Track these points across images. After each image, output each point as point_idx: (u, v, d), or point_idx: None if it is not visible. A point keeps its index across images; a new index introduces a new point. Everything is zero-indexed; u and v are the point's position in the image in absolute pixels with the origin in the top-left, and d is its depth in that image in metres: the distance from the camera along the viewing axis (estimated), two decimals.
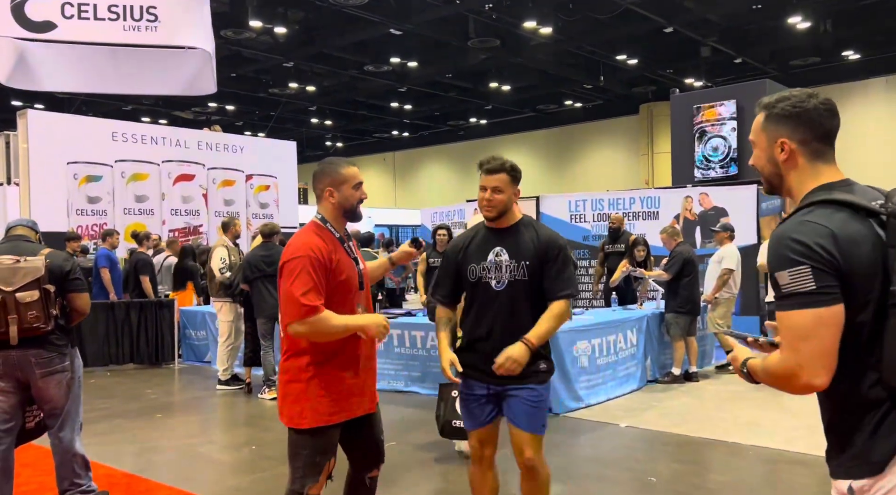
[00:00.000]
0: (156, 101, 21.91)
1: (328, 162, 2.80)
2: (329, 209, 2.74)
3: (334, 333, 2.61)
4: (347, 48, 17.34)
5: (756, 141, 1.70)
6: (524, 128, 26.12)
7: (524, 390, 2.87)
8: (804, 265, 1.46)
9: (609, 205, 9.48)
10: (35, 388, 3.70)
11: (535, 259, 2.90)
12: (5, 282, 3.55)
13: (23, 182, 10.40)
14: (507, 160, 2.98)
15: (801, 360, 1.47)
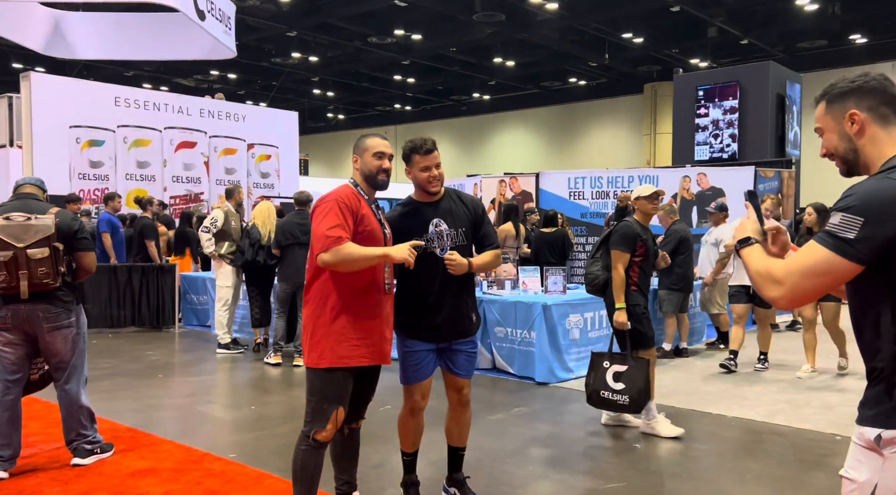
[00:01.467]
0: (158, 68, 21.82)
1: (361, 135, 3.14)
2: (357, 175, 3.06)
3: (359, 260, 2.83)
4: (352, 19, 17.25)
5: (823, 125, 1.73)
6: (527, 105, 26.04)
7: (466, 344, 3.33)
8: (859, 217, 1.51)
9: (608, 184, 9.56)
10: (42, 342, 3.85)
11: (468, 224, 3.28)
12: (17, 238, 3.68)
13: (25, 145, 10.46)
14: (432, 139, 3.27)
15: (792, 285, 1.58)
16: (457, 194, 3.37)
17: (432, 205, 3.24)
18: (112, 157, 11.32)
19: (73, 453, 4.02)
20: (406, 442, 3.41)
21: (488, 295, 6.34)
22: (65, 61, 20.05)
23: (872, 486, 1.61)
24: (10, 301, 3.75)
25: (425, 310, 3.21)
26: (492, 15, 16.38)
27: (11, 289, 3.69)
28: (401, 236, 3.15)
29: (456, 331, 3.27)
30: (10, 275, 3.67)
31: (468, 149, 27.96)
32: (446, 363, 3.33)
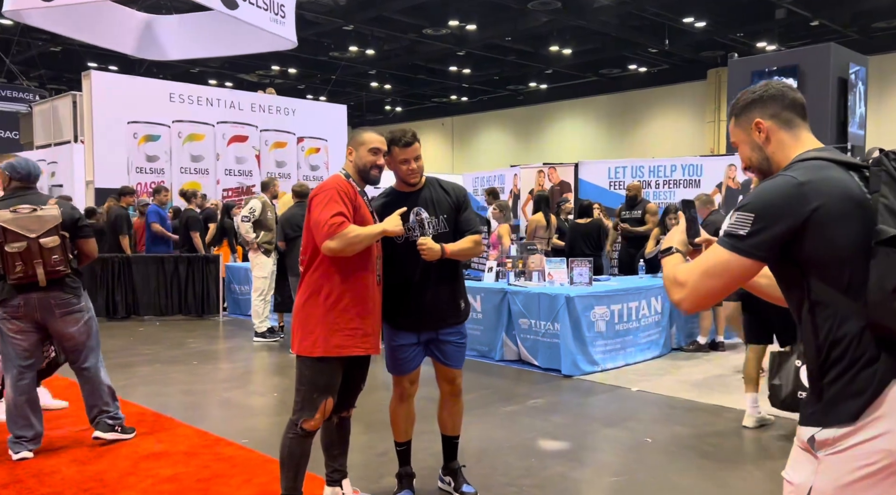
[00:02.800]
0: (222, 64, 22.45)
1: (358, 128, 3.24)
2: (350, 166, 3.10)
3: (361, 241, 2.88)
4: (407, 11, 17.30)
5: (736, 139, 1.77)
6: (585, 93, 25.55)
7: (454, 334, 3.30)
8: (750, 214, 1.53)
9: (650, 173, 9.30)
10: (54, 328, 4.01)
11: (449, 210, 3.26)
12: (28, 229, 3.84)
13: (87, 140, 10.98)
14: (413, 130, 3.24)
15: (692, 286, 1.61)
16: (438, 182, 3.36)
17: (412, 194, 3.25)
18: (167, 151, 11.75)
19: (94, 427, 4.19)
20: (398, 430, 3.42)
21: (513, 286, 6.28)
22: (134, 60, 21.00)
23: (807, 489, 1.55)
24: (22, 290, 3.89)
25: (408, 300, 3.21)
26: (547, 3, 16.13)
27: (28, 278, 3.84)
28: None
29: (441, 319, 3.25)
30: (26, 265, 3.82)
31: (525, 140, 27.69)
32: (435, 353, 3.32)
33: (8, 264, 3.82)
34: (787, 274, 1.60)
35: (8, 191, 4.02)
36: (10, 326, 3.95)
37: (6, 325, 3.95)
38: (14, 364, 3.99)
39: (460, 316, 3.32)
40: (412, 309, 3.21)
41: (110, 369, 6.38)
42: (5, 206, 3.87)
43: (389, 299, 3.21)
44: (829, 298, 1.52)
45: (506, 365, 6.28)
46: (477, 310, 6.46)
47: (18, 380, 3.98)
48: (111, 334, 8.16)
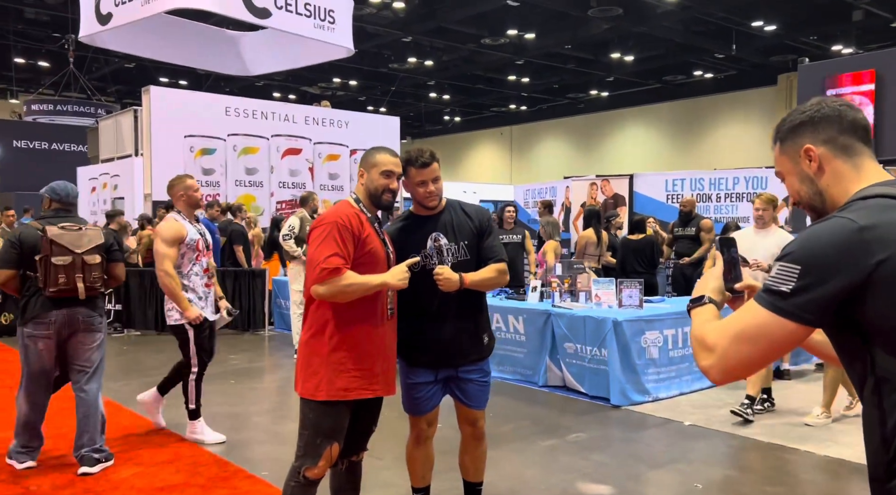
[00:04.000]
0: (286, 77, 22.85)
1: (371, 148, 2.94)
2: (361, 190, 2.87)
3: (354, 292, 2.64)
4: (465, 21, 17.20)
5: (782, 170, 1.48)
6: (648, 101, 24.82)
7: (475, 372, 3.03)
8: (795, 266, 1.24)
9: (710, 185, 8.78)
10: (72, 345, 4.10)
11: (471, 236, 3.01)
12: (74, 245, 4.02)
13: (145, 154, 11.21)
14: (430, 149, 2.99)
15: (722, 352, 1.31)
16: (460, 205, 3.12)
17: (431, 218, 3.02)
18: (223, 165, 11.90)
19: (80, 461, 4.09)
20: (415, 475, 3.17)
21: (557, 308, 5.95)
22: (202, 74, 21.59)
23: None
24: (56, 305, 4.02)
25: (424, 334, 2.96)
26: (608, 9, 15.71)
27: (67, 292, 4.00)
28: (398, 253, 2.94)
29: (460, 355, 2.99)
30: (69, 279, 4.00)
31: (585, 149, 27.10)
32: (455, 392, 3.05)
33: (51, 276, 3.97)
34: (846, 342, 1.29)
35: (49, 211, 4.21)
36: (35, 345, 4.06)
37: (32, 343, 4.06)
38: (32, 381, 4.12)
39: (482, 351, 3.06)
40: (429, 344, 2.97)
41: (150, 385, 6.41)
42: (51, 223, 4.06)
43: (404, 332, 2.97)
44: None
45: (550, 391, 5.94)
46: (520, 331, 6.15)
47: (34, 396, 4.13)
48: (157, 349, 8.22)
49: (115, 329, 9.14)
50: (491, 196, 17.77)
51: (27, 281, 4.06)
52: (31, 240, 4.02)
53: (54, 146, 17.98)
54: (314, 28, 10.26)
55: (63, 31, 16.15)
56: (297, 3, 10.05)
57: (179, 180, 4.65)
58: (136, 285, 9.05)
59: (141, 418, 5.33)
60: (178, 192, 4.61)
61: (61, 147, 18.06)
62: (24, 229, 4.12)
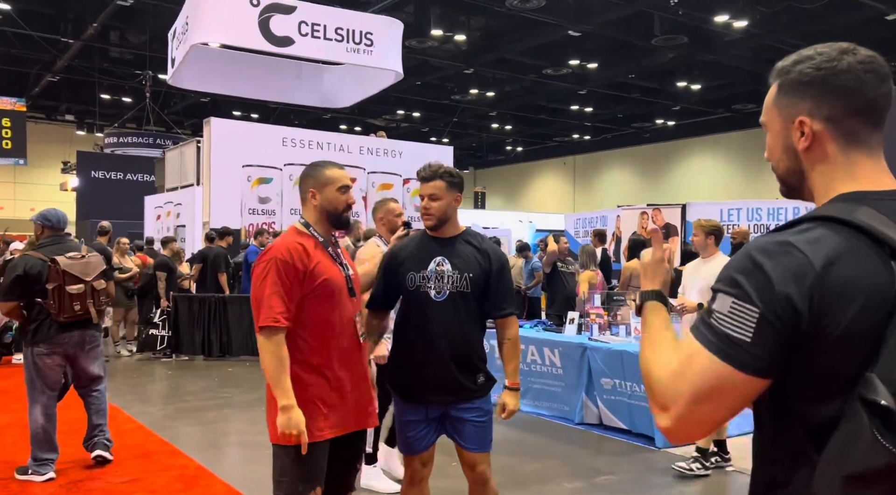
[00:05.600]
0: (352, 110, 23.39)
1: (313, 164, 2.67)
2: (312, 212, 2.61)
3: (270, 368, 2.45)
4: (527, 52, 17.22)
5: (767, 123, 1.19)
6: (717, 130, 24.11)
7: (471, 411, 2.79)
8: (754, 308, 1.00)
9: (768, 216, 8.28)
10: (79, 363, 4.42)
11: (478, 271, 2.80)
12: (84, 273, 4.27)
13: (205, 183, 11.53)
14: (444, 166, 2.81)
15: (681, 411, 1.05)
16: (478, 239, 2.93)
17: (442, 241, 2.86)
18: (279, 194, 12.11)
19: (93, 448, 4.53)
20: None
21: (594, 341, 5.64)
22: (272, 106, 22.34)
23: None
24: (67, 328, 4.28)
25: (413, 366, 2.78)
26: (672, 38, 15.41)
27: (80, 316, 4.26)
28: (397, 266, 2.85)
29: (451, 392, 2.77)
30: (83, 305, 4.26)
31: (652, 178, 26.47)
32: (451, 433, 2.83)
33: (65, 304, 4.20)
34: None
35: (43, 238, 4.45)
36: (47, 361, 4.31)
37: (44, 360, 4.30)
38: (45, 394, 4.35)
39: (475, 391, 2.81)
40: (417, 378, 2.79)
41: (185, 411, 6.50)
42: (54, 252, 4.28)
43: (396, 365, 2.82)
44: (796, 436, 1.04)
45: (586, 429, 5.61)
46: (556, 365, 5.86)
47: (48, 408, 4.35)
48: (200, 375, 8.31)
49: (165, 354, 9.30)
50: (546, 225, 17.53)
51: (33, 307, 4.27)
52: (36, 270, 4.22)
53: (128, 176, 18.87)
54: (347, 52, 10.19)
55: (143, 68, 17.03)
56: (326, 28, 10.04)
57: (383, 204, 4.31)
58: (185, 310, 9.21)
59: (166, 443, 5.30)
60: (380, 216, 4.24)
61: (134, 177, 18.93)
62: (27, 259, 4.30)
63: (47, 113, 25.12)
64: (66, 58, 17.08)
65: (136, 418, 6.12)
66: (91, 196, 17.06)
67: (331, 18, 10.37)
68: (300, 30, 10.07)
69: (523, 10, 13.67)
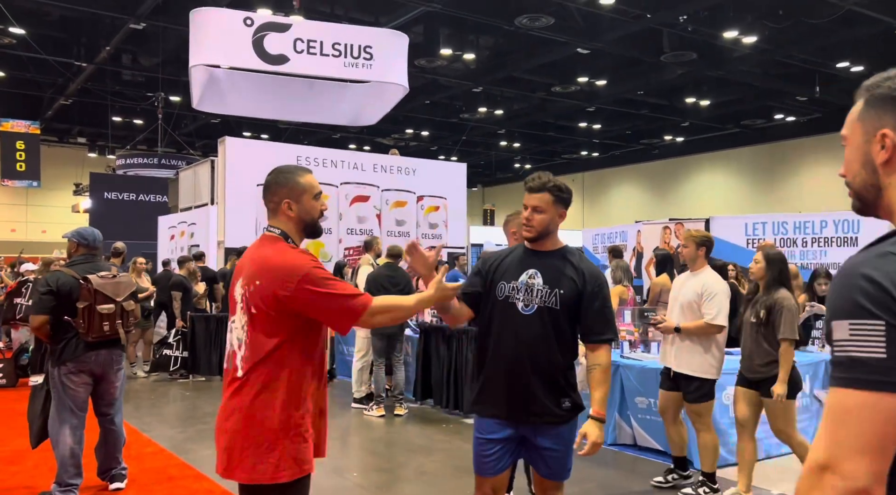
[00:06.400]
0: (361, 130, 23.50)
1: (281, 170, 2.42)
2: (287, 223, 2.36)
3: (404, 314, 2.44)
4: (535, 70, 17.30)
5: (849, 136, 1.20)
6: (726, 146, 24.10)
7: (552, 438, 2.67)
8: (877, 320, 0.95)
9: (794, 229, 8.20)
10: (106, 382, 4.37)
11: (571, 290, 2.69)
12: (115, 293, 4.23)
13: (220, 202, 11.51)
14: (553, 179, 2.72)
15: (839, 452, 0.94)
16: (578, 257, 2.82)
17: (537, 254, 2.78)
18: None
19: (111, 480, 4.50)
20: None
21: (626, 358, 5.55)
22: (282, 127, 22.45)
23: None
24: (94, 347, 4.23)
25: (493, 376, 2.69)
26: (681, 54, 15.46)
27: (108, 336, 4.22)
28: (492, 274, 2.80)
29: (530, 413, 2.65)
30: (112, 326, 4.22)
31: (661, 194, 26.43)
32: (529, 457, 2.76)
33: (95, 323, 4.16)
34: None
35: (76, 255, 4.41)
36: (74, 380, 4.24)
37: (71, 379, 4.23)
38: (75, 415, 4.28)
39: (560, 415, 2.67)
40: (499, 392, 2.68)
41: (205, 433, 6.41)
42: (87, 271, 4.24)
43: (479, 378, 2.73)
44: None
45: (619, 450, 5.50)
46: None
47: (77, 430, 4.28)
48: (218, 396, 8.11)
49: (182, 375, 9.22)
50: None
51: (61, 325, 4.20)
52: (67, 287, 4.18)
53: (140, 197, 18.94)
54: (345, 68, 10.18)
55: (155, 91, 17.14)
56: (323, 44, 10.05)
57: (516, 217, 3.88)
58: (202, 330, 9.15)
59: (189, 467, 5.22)
60: (513, 230, 3.95)
61: (147, 198, 18.99)
62: (59, 276, 4.26)
63: (59, 136, 25.30)
64: (78, 81, 17.21)
65: (157, 441, 6.05)
66: (104, 217, 17.08)
67: (328, 34, 10.38)
68: (295, 47, 10.10)
69: (532, 28, 13.75)
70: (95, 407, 4.47)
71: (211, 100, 11.04)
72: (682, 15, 13.52)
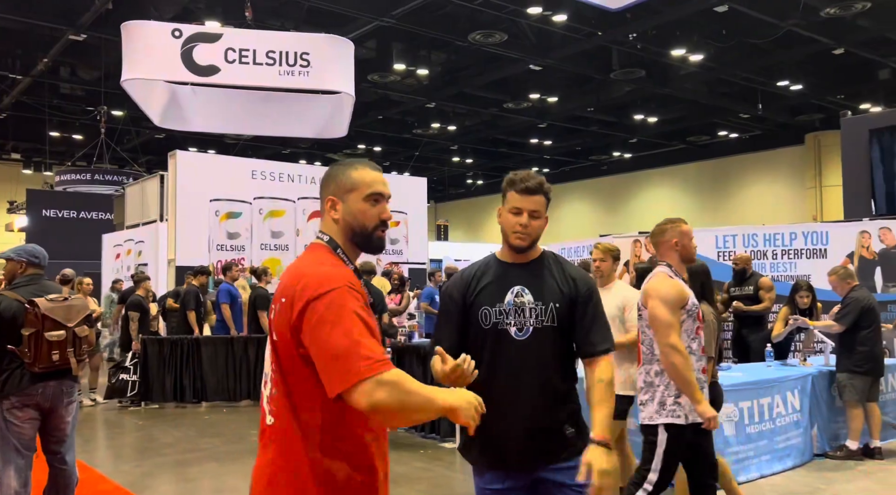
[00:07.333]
0: (312, 145, 23.10)
1: (337, 162, 1.97)
2: (332, 228, 1.86)
3: (417, 406, 1.68)
4: (487, 86, 17.37)
5: None
6: (673, 162, 24.74)
7: (566, 471, 2.26)
8: None
9: (764, 241, 8.29)
10: (55, 417, 3.89)
11: (565, 302, 2.32)
12: (67, 318, 3.80)
13: (170, 218, 11.03)
14: (544, 180, 2.38)
15: None
16: (559, 261, 2.45)
17: (518, 267, 2.37)
18: (248, 228, 11.68)
19: None
20: None
21: None
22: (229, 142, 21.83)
23: None
24: (42, 378, 3.77)
25: (489, 419, 2.07)
26: (630, 72, 15.77)
27: (57, 367, 3.77)
28: (470, 305, 2.34)
29: (540, 451, 2.28)
30: (62, 355, 3.79)
31: (611, 210, 26.89)
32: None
33: (42, 352, 3.72)
34: None
35: (23, 276, 3.96)
36: (19, 415, 3.77)
37: (15, 414, 3.75)
38: (21, 454, 3.80)
39: (572, 445, 2.31)
40: (494, 432, 2.21)
41: (164, 467, 5.97)
42: (34, 293, 3.80)
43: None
44: None
45: None
46: None
47: (22, 472, 3.80)
48: (175, 423, 7.75)
49: (133, 402, 8.67)
50: None
51: (4, 355, 3.72)
52: (10, 312, 3.73)
53: (82, 214, 18.13)
54: (280, 76, 9.89)
55: (96, 104, 16.43)
56: (256, 53, 9.78)
57: (673, 225, 3.52)
58: (154, 354, 8.62)
59: None
60: (672, 240, 3.48)
61: (89, 215, 18.20)
62: (1, 299, 3.78)
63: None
64: (13, 94, 16.37)
65: (111, 477, 5.59)
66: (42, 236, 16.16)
67: (261, 42, 10.10)
68: (226, 57, 9.85)
69: (485, 44, 13.80)
70: (44, 445, 3.97)
71: (174, 117, 10.63)
72: (632, 33, 13.78)
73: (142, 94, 10.84)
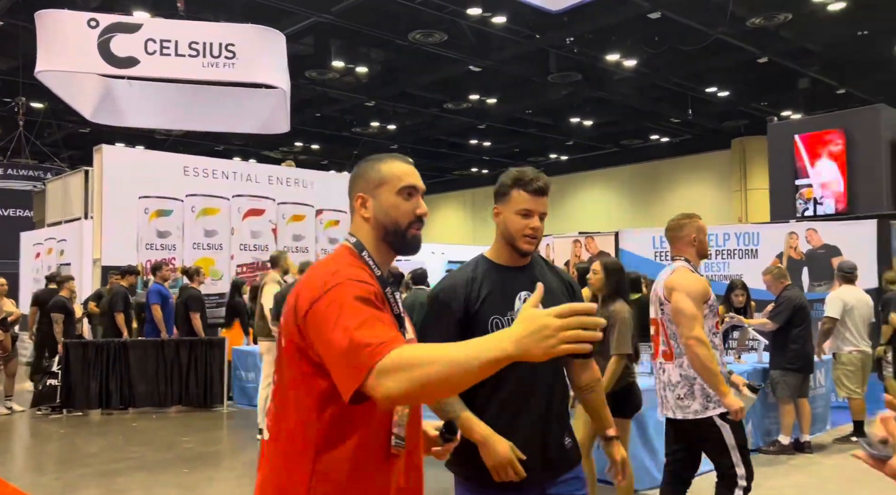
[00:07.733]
0: (246, 141, 22.52)
1: (366, 158, 1.80)
2: (362, 227, 1.70)
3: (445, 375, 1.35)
4: (428, 86, 17.31)
5: None
6: (607, 164, 25.32)
7: (570, 483, 2.20)
8: None
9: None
10: None
11: (564, 301, 2.17)
12: None
13: (96, 216, 10.51)
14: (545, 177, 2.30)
15: None
16: (545, 261, 2.41)
17: (517, 270, 2.24)
18: (180, 227, 11.23)
19: None
20: None
21: None
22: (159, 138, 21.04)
23: None
24: None
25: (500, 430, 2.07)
26: (567, 75, 16.02)
27: None
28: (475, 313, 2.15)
29: (549, 463, 2.18)
30: None
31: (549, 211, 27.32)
32: None
33: None
34: None
35: None
36: None
37: None
38: None
39: (572, 454, 2.25)
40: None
41: (88, 478, 5.63)
42: None
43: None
44: None
45: None
46: None
47: None
48: (100, 432, 7.36)
49: (53, 409, 8.19)
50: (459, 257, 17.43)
51: None
52: None
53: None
54: (203, 68, 9.58)
55: (14, 96, 15.53)
56: (178, 44, 9.49)
57: (690, 221, 3.55)
58: (78, 358, 8.15)
59: None
60: (690, 235, 3.49)
61: (6, 212, 17.25)
62: None
63: None
64: None
65: (28, 491, 5.24)
66: None
67: (183, 33, 9.76)
68: (146, 48, 9.50)
69: (425, 44, 13.75)
70: None
71: (107, 112, 10.12)
72: (569, 37, 13.98)
73: (66, 86, 10.27)
